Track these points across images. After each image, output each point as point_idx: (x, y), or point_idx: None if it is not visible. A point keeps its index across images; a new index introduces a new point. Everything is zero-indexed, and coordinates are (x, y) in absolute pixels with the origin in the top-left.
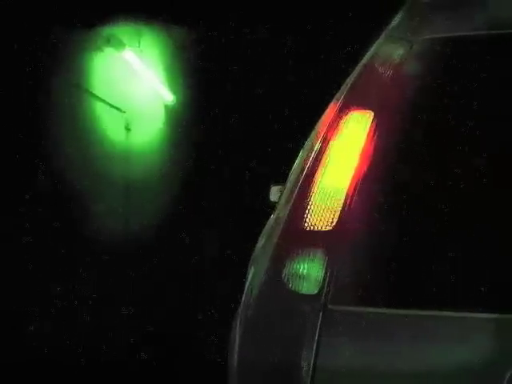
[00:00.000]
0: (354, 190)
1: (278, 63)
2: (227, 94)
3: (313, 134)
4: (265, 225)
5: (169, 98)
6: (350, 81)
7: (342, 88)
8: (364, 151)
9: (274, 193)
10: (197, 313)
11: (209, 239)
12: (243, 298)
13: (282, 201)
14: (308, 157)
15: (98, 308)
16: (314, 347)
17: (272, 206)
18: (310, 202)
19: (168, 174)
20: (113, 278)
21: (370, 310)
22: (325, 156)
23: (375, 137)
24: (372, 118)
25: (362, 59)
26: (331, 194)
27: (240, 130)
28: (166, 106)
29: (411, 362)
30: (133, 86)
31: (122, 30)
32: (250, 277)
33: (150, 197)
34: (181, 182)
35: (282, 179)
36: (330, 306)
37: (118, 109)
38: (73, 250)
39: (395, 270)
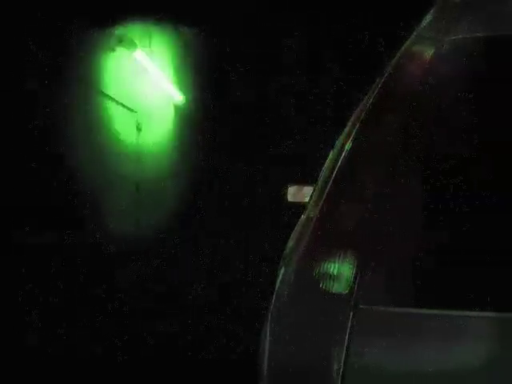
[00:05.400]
0: (386, 189)
1: (288, 62)
2: (237, 94)
3: (343, 133)
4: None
5: (179, 97)
6: (380, 80)
7: (373, 87)
8: (394, 151)
9: (292, 193)
10: (206, 313)
11: (220, 238)
12: (273, 298)
13: (313, 200)
14: (338, 156)
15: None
16: (345, 347)
17: (289, 206)
18: (341, 202)
19: (178, 173)
20: (122, 277)
21: (402, 309)
22: (355, 155)
23: (405, 136)
24: (401, 117)
25: (391, 59)
26: (362, 194)
27: (250, 129)
28: (176, 106)
29: (443, 362)
30: (144, 86)
31: (133, 31)
32: (280, 276)
33: (160, 196)
34: (191, 181)
35: (298, 179)
36: (361, 306)
37: (129, 109)
38: (83, 248)
39: (427, 269)
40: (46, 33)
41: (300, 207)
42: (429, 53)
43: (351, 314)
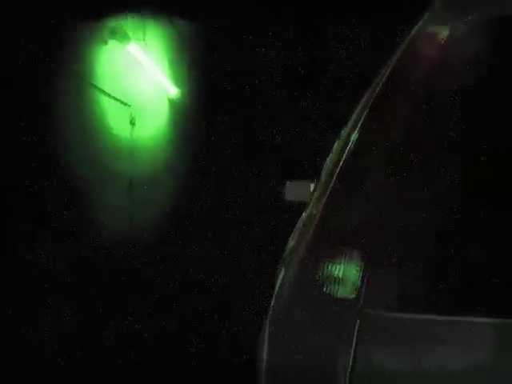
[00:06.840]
0: (393, 186)
1: (283, 56)
2: (232, 88)
3: (349, 122)
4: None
5: (173, 91)
6: (389, 67)
7: (381, 75)
8: (403, 143)
9: (290, 190)
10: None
11: (213, 234)
12: (272, 302)
13: (316, 196)
14: (344, 148)
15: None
16: (352, 353)
17: (287, 204)
18: (346, 198)
19: (172, 168)
20: (115, 273)
21: (408, 315)
22: (362, 147)
23: (416, 125)
24: (412, 105)
25: (403, 43)
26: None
27: (245, 124)
28: (170, 100)
29: (449, 367)
30: (137, 80)
31: (126, 23)
32: (280, 279)
33: (154, 191)
34: (185, 176)
35: (296, 175)
36: (367, 311)
37: (122, 102)
38: (76, 244)
39: (434, 274)
40: (38, 25)
41: (300, 205)
42: (441, 35)
43: (357, 319)
